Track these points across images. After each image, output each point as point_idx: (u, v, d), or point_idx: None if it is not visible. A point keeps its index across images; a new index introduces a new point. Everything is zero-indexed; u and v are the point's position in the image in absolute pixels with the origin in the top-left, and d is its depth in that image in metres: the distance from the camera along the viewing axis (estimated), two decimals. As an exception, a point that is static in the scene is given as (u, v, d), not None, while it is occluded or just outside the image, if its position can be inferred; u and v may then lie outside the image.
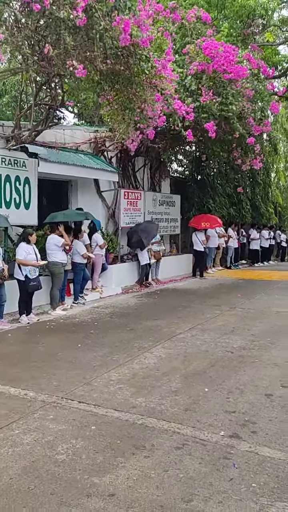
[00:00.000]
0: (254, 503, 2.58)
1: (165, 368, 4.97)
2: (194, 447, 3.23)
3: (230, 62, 9.68)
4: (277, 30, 16.01)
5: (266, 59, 14.11)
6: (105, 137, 10.72)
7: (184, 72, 9.77)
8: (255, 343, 5.99)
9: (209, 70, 9.66)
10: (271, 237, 19.15)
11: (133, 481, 2.81)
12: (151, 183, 13.32)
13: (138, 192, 11.93)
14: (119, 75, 6.54)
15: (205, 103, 9.42)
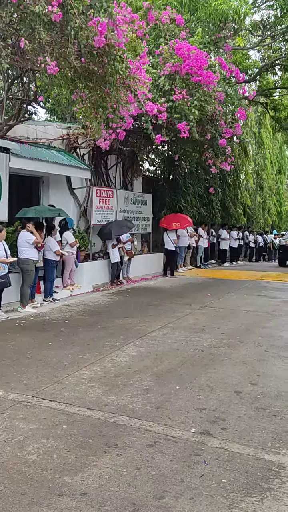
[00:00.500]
0: (224, 499, 2.64)
1: (136, 366, 4.99)
2: (166, 444, 3.26)
3: (200, 66, 9.80)
4: (248, 35, 16.34)
5: (237, 64, 14.36)
6: (77, 134, 10.63)
7: (157, 73, 9.82)
8: (224, 342, 6.09)
9: (182, 72, 9.75)
10: (240, 237, 19.52)
11: (105, 479, 2.81)
12: (123, 182, 13.31)
13: (110, 190, 11.90)
14: (93, 74, 6.50)
15: (178, 103, 9.49)
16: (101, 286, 10.62)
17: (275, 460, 3.08)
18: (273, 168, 27.66)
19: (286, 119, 18.24)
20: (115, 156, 12.53)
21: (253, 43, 16.26)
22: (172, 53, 9.77)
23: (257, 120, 23.64)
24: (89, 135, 8.22)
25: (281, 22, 13.22)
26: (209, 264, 17.18)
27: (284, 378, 4.74)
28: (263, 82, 17.53)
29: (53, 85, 7.80)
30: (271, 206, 27.17)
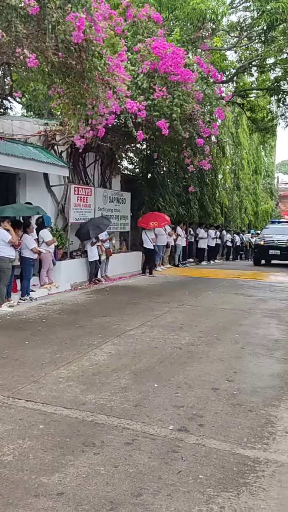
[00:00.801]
0: (201, 494, 2.65)
1: (115, 364, 4.97)
2: (144, 442, 3.26)
3: (177, 65, 9.83)
4: (225, 36, 16.49)
5: (215, 64, 14.48)
6: (55, 130, 10.51)
7: (136, 70, 9.81)
8: (202, 339, 6.13)
9: (160, 70, 9.77)
10: (218, 236, 19.71)
11: (82, 478, 2.79)
12: (102, 180, 13.25)
13: (88, 188, 11.82)
14: (71, 69, 6.45)
15: (157, 101, 9.50)
16: (79, 285, 10.55)
17: (250, 455, 3.12)
18: (249, 168, 28.04)
19: (262, 120, 18.50)
20: (94, 154, 12.46)
21: (230, 43, 16.43)
22: (150, 51, 9.78)
23: (234, 120, 23.93)
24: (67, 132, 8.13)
25: (257, 24, 13.39)
26: (187, 262, 17.28)
27: (260, 374, 4.80)
28: (240, 83, 17.73)
29: (30, 79, 7.69)
30: (248, 206, 27.55)
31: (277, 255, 17.90)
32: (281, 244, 17.81)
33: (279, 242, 17.86)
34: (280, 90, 16.02)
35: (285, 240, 17.80)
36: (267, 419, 3.72)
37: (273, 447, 3.25)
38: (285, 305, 9.11)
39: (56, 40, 5.56)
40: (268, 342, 6.08)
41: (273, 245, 17.89)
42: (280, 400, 4.13)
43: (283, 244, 17.77)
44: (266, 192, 35.14)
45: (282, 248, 17.74)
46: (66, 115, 7.21)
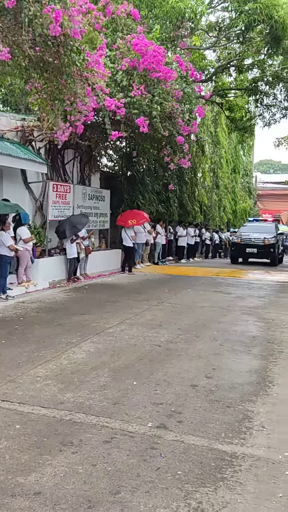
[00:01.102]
0: (179, 490, 2.66)
1: (93, 362, 4.95)
2: (123, 439, 3.25)
3: (159, 62, 9.83)
4: (204, 35, 16.57)
5: (194, 63, 14.53)
6: (33, 126, 10.37)
7: (115, 67, 9.76)
8: (181, 337, 6.16)
9: (139, 68, 9.74)
10: (197, 234, 19.83)
11: (60, 478, 2.76)
12: (81, 177, 13.15)
13: (67, 185, 11.72)
14: (49, 64, 6.36)
15: (136, 98, 9.48)
16: (58, 283, 10.45)
17: (228, 450, 3.14)
18: (228, 167, 28.28)
19: (241, 120, 18.66)
20: (73, 151, 12.34)
21: (209, 43, 16.51)
22: (130, 48, 9.74)
23: (214, 119, 24.08)
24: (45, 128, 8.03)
25: (235, 24, 13.48)
26: (167, 260, 17.33)
27: (238, 370, 4.85)
28: (218, 83, 17.84)
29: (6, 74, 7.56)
30: (227, 204, 27.79)
31: (254, 253, 17.86)
32: (258, 242, 17.78)
33: (256, 240, 17.83)
34: (258, 90, 16.20)
35: (262, 238, 17.79)
36: (244, 414, 3.76)
37: (250, 441, 3.29)
38: (263, 302, 9.24)
39: (33, 34, 5.48)
40: (246, 339, 6.15)
41: (250, 243, 17.84)
42: (257, 395, 4.18)
43: (260, 242, 17.75)
44: (245, 191, 35.52)
45: (259, 246, 17.72)
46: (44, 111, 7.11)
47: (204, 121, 21.68)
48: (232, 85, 18.01)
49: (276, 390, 4.32)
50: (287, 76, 15.36)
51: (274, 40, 13.12)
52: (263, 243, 17.73)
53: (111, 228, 14.25)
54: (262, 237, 17.81)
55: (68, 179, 12.34)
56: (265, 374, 4.76)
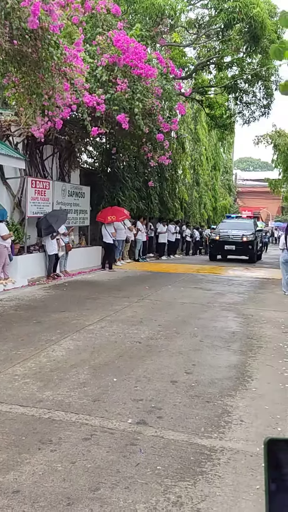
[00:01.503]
0: (159, 485, 2.67)
1: (73, 360, 4.92)
2: (102, 436, 3.24)
3: (140, 59, 9.82)
4: (184, 32, 16.61)
5: (174, 60, 14.56)
6: (10, 121, 10.20)
7: (95, 62, 9.69)
8: (161, 333, 6.18)
9: (120, 64, 9.70)
10: (177, 231, 19.89)
11: (38, 476, 2.74)
12: (60, 173, 13.03)
13: (46, 181, 11.60)
14: (26, 58, 6.27)
15: (117, 95, 9.44)
16: (37, 280, 10.35)
17: (207, 444, 3.17)
18: (208, 164, 28.47)
19: (221, 117, 18.79)
20: (51, 147, 12.22)
21: (189, 40, 16.55)
22: (110, 44, 9.69)
23: (194, 116, 24.18)
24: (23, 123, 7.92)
25: (215, 22, 13.56)
26: (147, 257, 17.35)
27: (217, 366, 4.90)
28: (198, 80, 17.92)
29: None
30: (207, 201, 27.99)
31: (233, 250, 17.71)
32: (236, 239, 17.65)
33: (234, 237, 17.68)
34: (237, 88, 16.33)
35: (240, 235, 17.64)
36: (223, 409, 3.79)
37: (229, 435, 3.32)
38: (242, 298, 9.34)
39: (11, 28, 5.39)
40: (225, 335, 6.21)
41: (229, 240, 17.70)
42: (236, 390, 4.23)
43: (239, 239, 17.62)
44: (225, 188, 35.84)
45: (238, 243, 17.58)
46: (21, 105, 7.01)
47: (185, 118, 21.76)
48: (212, 83, 18.11)
49: (254, 384, 4.38)
50: (265, 74, 15.54)
51: (253, 38, 13.25)
52: (241, 240, 17.60)
53: (91, 225, 14.18)
54: (241, 234, 17.66)
55: (47, 175, 12.22)
56: (244, 369, 4.81)
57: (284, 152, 17.89)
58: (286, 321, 7.14)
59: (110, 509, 2.43)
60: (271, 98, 16.81)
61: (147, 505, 2.48)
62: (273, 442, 0.59)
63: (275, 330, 6.58)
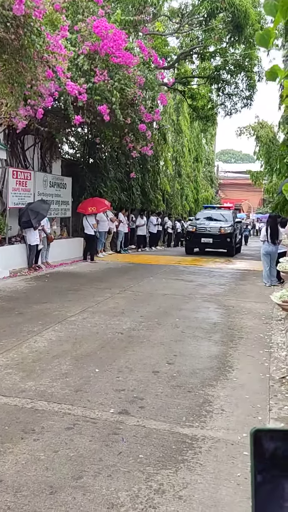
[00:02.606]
0: (141, 473, 2.71)
1: (55, 351, 4.92)
2: (85, 426, 3.26)
3: (118, 47, 9.70)
4: (167, 21, 16.51)
5: (156, 49, 14.47)
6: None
7: (76, 51, 9.55)
8: (143, 324, 6.21)
9: (101, 52, 9.58)
10: (159, 223, 19.89)
11: (21, 465, 2.75)
12: (42, 164, 12.88)
13: (28, 172, 11.45)
14: (8, 45, 6.14)
15: (98, 85, 9.34)
16: (19, 272, 10.26)
17: (189, 433, 3.23)
18: (190, 156, 28.49)
19: (203, 109, 18.80)
20: (33, 137, 12.05)
21: (172, 29, 16.47)
22: (91, 31, 9.56)
23: (176, 107, 24.12)
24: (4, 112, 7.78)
25: (198, 11, 13.50)
26: (129, 249, 17.34)
27: (198, 356, 4.96)
28: (181, 70, 17.86)
29: None
30: (189, 193, 28.06)
31: (210, 243, 16.70)
32: (213, 231, 16.67)
33: (211, 230, 16.71)
34: (220, 79, 16.36)
35: (218, 227, 16.71)
36: (205, 398, 3.85)
37: (210, 424, 3.39)
38: (223, 289, 9.45)
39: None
40: (207, 326, 6.29)
41: (206, 233, 16.68)
42: (217, 380, 4.29)
43: (216, 231, 16.66)
44: (207, 180, 35.97)
45: (215, 236, 16.60)
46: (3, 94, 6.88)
47: (167, 109, 21.68)
48: (194, 73, 18.08)
49: (235, 374, 4.46)
50: (248, 65, 15.58)
51: (236, 28, 13.25)
52: (219, 232, 16.61)
53: (73, 216, 14.09)
54: (218, 226, 16.74)
55: (28, 165, 12.06)
56: (225, 360, 4.89)
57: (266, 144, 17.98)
58: (267, 312, 7.26)
59: (92, 497, 2.46)
60: (253, 89, 16.89)
61: (130, 493, 2.52)
62: (259, 432, 0.58)
63: (256, 321, 6.68)
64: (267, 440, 0.58)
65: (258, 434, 0.58)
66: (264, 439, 0.58)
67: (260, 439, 0.58)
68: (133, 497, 2.48)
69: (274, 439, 0.58)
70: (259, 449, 0.57)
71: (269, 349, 5.29)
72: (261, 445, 0.57)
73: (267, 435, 0.58)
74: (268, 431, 0.58)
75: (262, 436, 0.58)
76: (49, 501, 2.41)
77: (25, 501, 2.41)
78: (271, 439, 0.58)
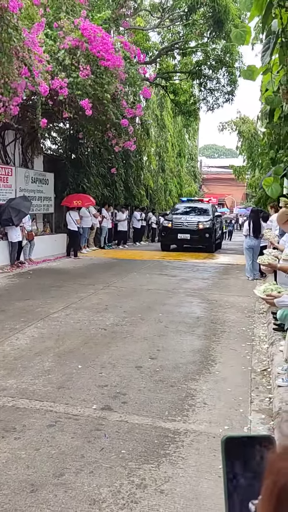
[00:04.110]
0: (123, 469, 2.71)
1: (37, 348, 4.88)
2: (67, 423, 3.25)
3: (107, 50, 9.67)
4: (148, 16, 16.44)
5: (138, 44, 14.40)
6: None
7: (56, 45, 9.44)
8: (127, 320, 6.21)
9: (82, 47, 9.50)
10: (143, 218, 19.84)
11: (1, 464, 2.72)
12: (23, 159, 12.72)
13: (8, 167, 11.30)
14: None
15: (79, 80, 9.27)
16: (1, 269, 10.14)
17: (171, 427, 3.24)
18: (174, 151, 28.49)
19: (185, 104, 18.80)
20: (13, 132, 11.88)
21: (153, 25, 16.40)
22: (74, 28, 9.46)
23: (159, 103, 24.06)
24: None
25: (178, 5, 13.47)
26: (113, 244, 17.27)
27: (181, 351, 4.98)
28: (163, 65, 17.82)
29: None
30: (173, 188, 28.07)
31: (187, 240, 15.45)
32: (191, 226, 15.35)
33: (189, 225, 15.40)
34: (202, 74, 16.37)
35: (195, 222, 15.40)
36: (187, 392, 3.87)
37: (192, 418, 3.40)
38: (206, 284, 9.50)
39: None
40: (190, 320, 6.31)
41: (183, 228, 15.39)
42: (200, 374, 4.32)
43: (194, 226, 15.34)
44: (190, 175, 36.04)
45: (193, 232, 15.25)
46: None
47: (149, 104, 21.62)
48: (176, 68, 18.05)
49: (218, 368, 4.49)
50: (229, 60, 15.62)
51: (216, 23, 13.26)
52: (197, 227, 15.31)
53: (56, 212, 13.97)
54: (196, 221, 15.43)
55: (9, 161, 11.90)
56: (208, 354, 4.92)
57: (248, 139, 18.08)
58: (249, 305, 7.33)
59: (74, 494, 2.45)
60: (235, 84, 16.95)
61: (112, 488, 2.52)
62: (231, 440, 0.62)
63: (239, 314, 6.74)
64: (239, 447, 0.62)
65: (228, 441, 0.62)
66: (234, 446, 0.62)
67: (232, 447, 0.62)
68: (114, 493, 2.48)
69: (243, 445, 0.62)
70: (231, 456, 0.62)
71: (251, 342, 5.34)
72: (233, 453, 0.62)
73: (236, 442, 0.63)
74: (239, 438, 0.63)
75: (232, 443, 0.62)
76: (30, 499, 2.39)
77: (6, 500, 2.38)
78: (242, 446, 0.62)
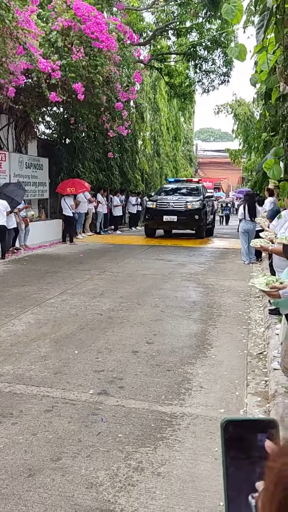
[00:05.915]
0: (120, 452, 2.73)
1: (34, 334, 4.88)
2: (64, 407, 3.26)
3: (101, 31, 9.47)
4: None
5: (131, 25, 14.12)
6: None
7: (48, 26, 9.24)
8: (123, 305, 6.21)
9: (75, 28, 9.30)
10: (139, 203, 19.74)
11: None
12: (17, 144, 12.56)
13: (2, 153, 11.17)
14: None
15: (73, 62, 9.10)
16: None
17: (167, 411, 3.26)
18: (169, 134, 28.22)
19: (180, 86, 18.54)
20: (6, 116, 11.71)
21: (147, 4, 16.07)
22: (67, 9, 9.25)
23: (153, 85, 23.72)
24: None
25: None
26: (109, 230, 17.21)
27: (178, 335, 4.99)
28: (157, 46, 17.51)
29: None
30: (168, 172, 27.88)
31: (174, 222, 13.72)
32: (179, 207, 13.62)
33: (176, 205, 13.69)
34: (197, 55, 16.12)
35: (183, 202, 13.76)
36: (184, 376, 3.89)
37: (189, 401, 3.42)
38: (202, 268, 9.49)
39: None
40: (186, 304, 6.32)
41: (169, 209, 13.64)
42: (196, 358, 4.34)
43: (182, 207, 13.61)
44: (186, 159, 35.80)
45: (180, 213, 13.49)
46: None
47: (144, 87, 21.32)
48: (171, 49, 17.76)
49: (214, 352, 4.51)
50: (225, 41, 15.37)
51: (211, 2, 13.01)
52: (185, 208, 13.56)
53: (51, 197, 13.87)
54: (184, 201, 13.80)
55: (3, 146, 11.75)
56: (204, 338, 4.94)
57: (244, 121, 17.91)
58: (245, 289, 7.34)
59: (71, 477, 2.47)
60: (230, 66, 16.71)
61: (109, 471, 2.54)
62: (230, 423, 0.62)
63: (235, 298, 6.75)
64: (238, 430, 0.62)
65: (228, 424, 0.62)
66: (234, 429, 0.62)
67: (230, 429, 0.62)
68: (112, 476, 2.50)
69: (243, 428, 0.62)
70: (230, 440, 0.62)
71: (247, 326, 5.36)
72: (232, 436, 0.62)
73: (236, 425, 0.62)
74: (237, 421, 0.63)
75: (231, 426, 0.62)
76: (28, 484, 2.41)
77: (3, 485, 2.40)
78: (242, 429, 0.62)
